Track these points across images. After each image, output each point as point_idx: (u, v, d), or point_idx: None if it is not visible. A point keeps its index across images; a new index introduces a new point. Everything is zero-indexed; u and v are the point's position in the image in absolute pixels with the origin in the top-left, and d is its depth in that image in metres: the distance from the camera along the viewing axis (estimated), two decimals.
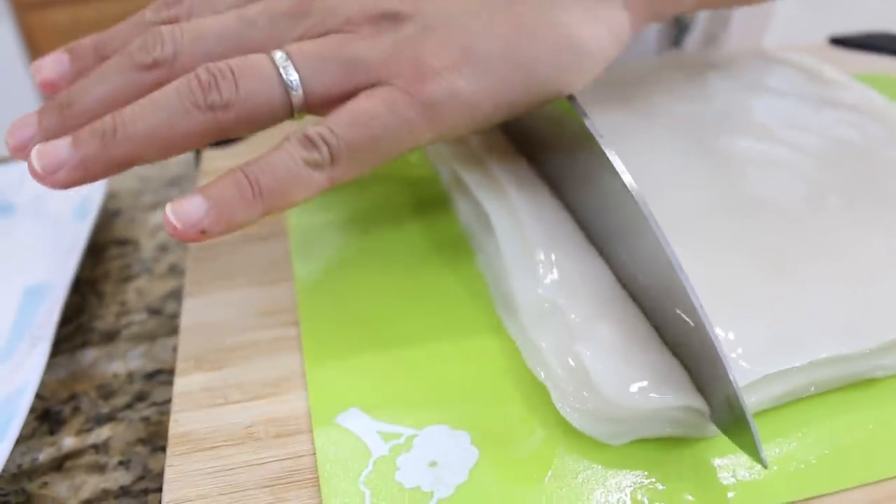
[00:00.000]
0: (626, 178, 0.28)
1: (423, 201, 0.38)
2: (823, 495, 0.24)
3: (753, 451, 0.23)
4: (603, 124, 0.38)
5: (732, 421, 0.24)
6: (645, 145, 0.37)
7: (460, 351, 0.29)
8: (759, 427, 0.26)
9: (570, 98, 0.31)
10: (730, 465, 0.25)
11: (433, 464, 0.25)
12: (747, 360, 0.26)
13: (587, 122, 0.30)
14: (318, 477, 0.25)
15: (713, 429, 0.25)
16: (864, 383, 0.28)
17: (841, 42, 0.54)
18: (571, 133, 0.31)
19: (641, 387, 0.25)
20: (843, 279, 0.29)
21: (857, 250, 0.30)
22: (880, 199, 0.33)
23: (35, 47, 1.68)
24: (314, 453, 0.26)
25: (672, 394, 0.25)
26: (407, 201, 0.38)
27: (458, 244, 0.35)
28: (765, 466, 0.23)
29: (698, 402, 0.25)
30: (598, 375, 0.25)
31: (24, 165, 0.45)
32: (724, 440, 0.25)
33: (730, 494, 0.24)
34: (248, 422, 0.27)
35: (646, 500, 0.24)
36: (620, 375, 0.25)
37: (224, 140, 0.44)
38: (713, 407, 0.25)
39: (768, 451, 0.25)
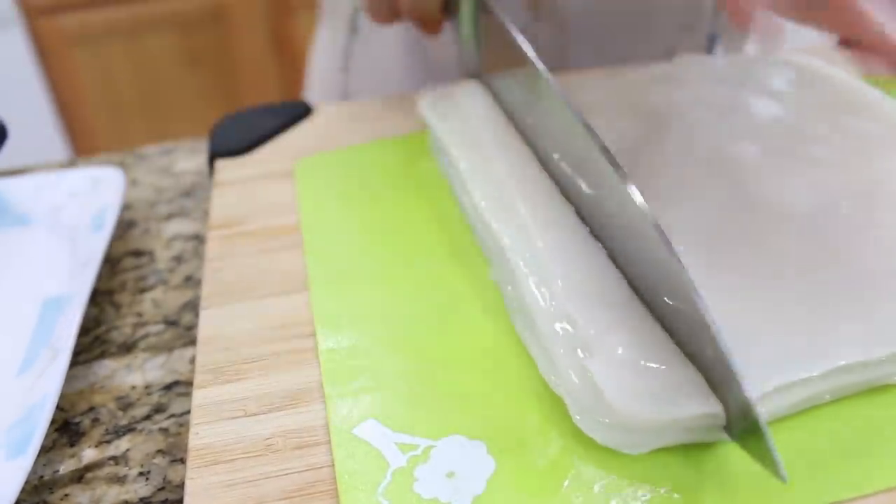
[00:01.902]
0: (635, 193, 0.28)
1: (438, 212, 0.38)
2: (844, 501, 0.24)
3: (770, 464, 0.23)
4: (619, 129, 0.39)
5: (748, 432, 0.24)
6: (660, 151, 0.37)
7: (476, 361, 0.30)
8: (776, 433, 0.26)
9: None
10: (749, 472, 0.25)
11: (451, 474, 0.25)
12: (764, 369, 0.26)
13: (596, 141, 0.30)
14: (337, 489, 0.25)
15: None
16: (881, 388, 0.28)
17: (850, 43, 0.53)
18: (582, 144, 0.31)
19: (654, 399, 0.25)
20: (860, 286, 0.29)
21: (872, 256, 0.30)
22: (889, 204, 0.33)
23: (45, 53, 1.69)
24: (333, 465, 0.26)
25: (685, 404, 0.25)
26: (422, 213, 0.38)
27: (474, 254, 0.35)
28: (784, 480, 0.23)
29: (713, 408, 0.25)
30: (609, 390, 0.25)
31: (39, 177, 0.46)
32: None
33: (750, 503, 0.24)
34: (267, 434, 0.27)
35: None
36: (632, 389, 0.26)
37: (237, 149, 0.45)
38: (728, 416, 0.25)
39: (787, 457, 0.25)
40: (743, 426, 0.24)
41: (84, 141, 1.78)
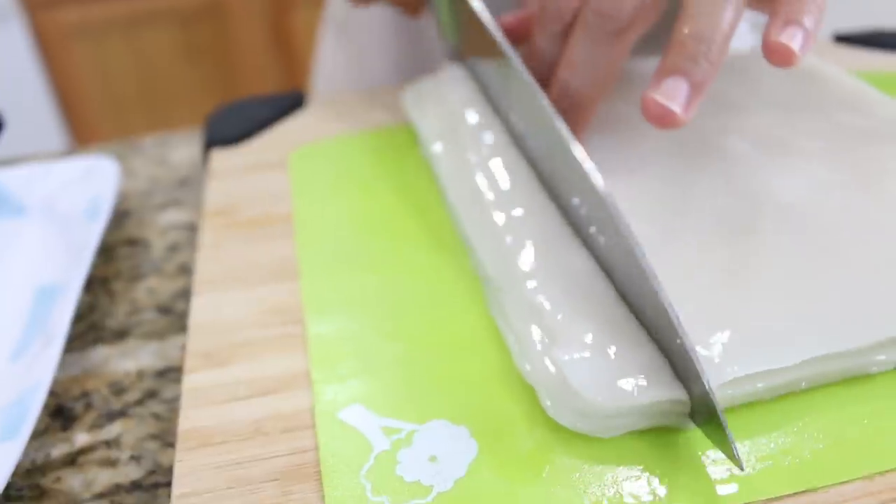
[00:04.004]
0: (594, 175, 0.28)
1: (427, 202, 0.39)
2: (818, 489, 0.24)
3: (728, 451, 0.24)
4: (610, 119, 0.39)
5: (708, 421, 0.25)
6: (651, 142, 0.37)
7: (461, 348, 0.30)
8: (750, 420, 0.26)
9: None
10: (726, 457, 0.25)
11: (433, 458, 0.26)
12: (737, 357, 0.26)
13: (558, 125, 0.31)
14: (321, 471, 0.26)
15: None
16: (858, 378, 0.28)
17: (845, 39, 0.54)
18: (551, 131, 0.32)
19: (618, 386, 0.26)
20: (838, 276, 0.30)
21: (851, 248, 0.31)
22: (878, 198, 0.33)
23: (45, 46, 1.69)
24: (318, 448, 0.26)
25: (648, 391, 0.25)
26: (412, 202, 0.39)
27: (460, 243, 0.36)
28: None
29: (677, 395, 0.25)
30: (575, 379, 0.26)
31: (34, 166, 0.46)
32: None
33: (725, 487, 0.24)
34: (256, 417, 0.28)
35: (643, 494, 0.24)
36: (599, 376, 0.26)
37: (232, 139, 0.45)
38: (692, 402, 0.25)
39: (762, 444, 0.26)
40: (704, 414, 0.25)
41: (83, 134, 1.78)
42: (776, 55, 0.31)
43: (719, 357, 0.26)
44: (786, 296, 0.29)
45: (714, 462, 0.25)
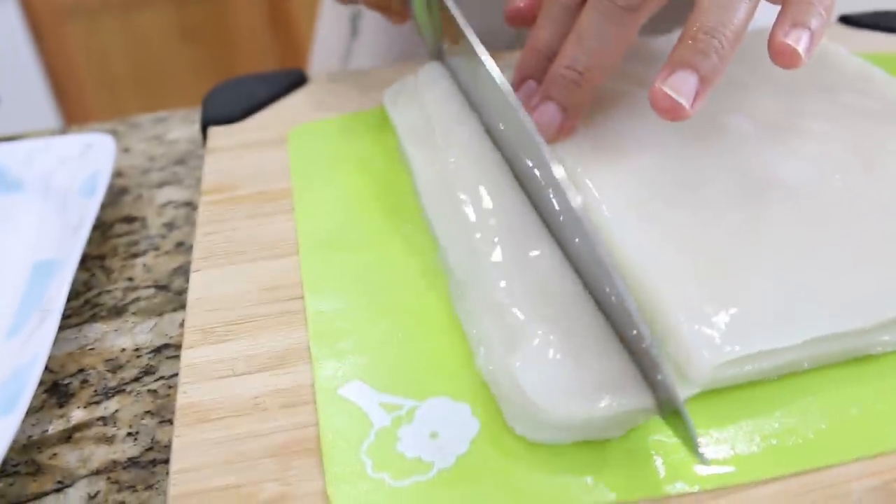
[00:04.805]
0: (562, 179, 0.28)
1: None
2: (821, 468, 0.24)
3: (691, 447, 0.23)
4: (612, 99, 0.39)
5: (673, 415, 0.24)
6: (649, 119, 0.37)
7: (462, 324, 0.30)
8: (753, 400, 0.26)
9: None
10: (730, 437, 0.25)
11: (434, 435, 0.25)
12: (740, 336, 0.26)
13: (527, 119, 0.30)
14: (321, 447, 0.25)
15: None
16: (861, 358, 0.28)
17: (850, 21, 0.53)
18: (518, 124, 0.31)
19: (577, 396, 0.25)
20: (842, 257, 0.29)
21: (855, 229, 0.31)
22: (882, 179, 0.33)
23: (39, 26, 1.67)
24: (318, 424, 0.26)
25: (608, 400, 0.25)
26: (409, 181, 0.38)
27: None
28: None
29: (639, 403, 0.25)
30: (530, 387, 0.25)
31: (32, 142, 0.46)
32: (725, 410, 0.26)
33: (730, 468, 0.24)
34: (255, 393, 0.28)
35: (646, 471, 0.24)
36: (554, 386, 0.25)
37: (231, 117, 0.45)
38: (658, 402, 0.25)
39: (766, 424, 0.25)
40: (669, 409, 0.24)
41: (77, 115, 1.77)
42: (782, 56, 0.31)
43: (721, 336, 0.26)
44: (789, 276, 0.29)
45: (717, 441, 0.25)
